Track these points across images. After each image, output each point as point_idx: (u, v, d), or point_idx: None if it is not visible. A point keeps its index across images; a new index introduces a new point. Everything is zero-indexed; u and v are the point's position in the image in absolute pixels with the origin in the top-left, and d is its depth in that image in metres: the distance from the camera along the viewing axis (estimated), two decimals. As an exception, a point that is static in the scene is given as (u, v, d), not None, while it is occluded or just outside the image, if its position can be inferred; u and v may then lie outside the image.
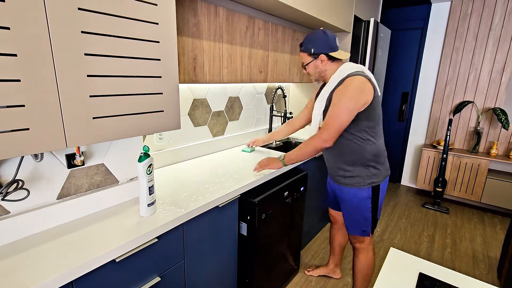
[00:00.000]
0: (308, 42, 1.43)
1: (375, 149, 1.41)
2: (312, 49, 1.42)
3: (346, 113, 1.30)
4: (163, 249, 1.07)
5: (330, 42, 1.40)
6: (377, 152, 1.41)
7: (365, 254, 1.57)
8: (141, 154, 1.04)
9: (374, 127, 1.39)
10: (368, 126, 1.37)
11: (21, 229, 0.92)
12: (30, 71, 0.72)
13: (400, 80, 3.75)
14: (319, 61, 1.43)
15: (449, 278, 0.91)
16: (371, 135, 1.39)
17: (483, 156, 3.09)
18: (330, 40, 1.40)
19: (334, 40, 1.42)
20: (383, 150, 1.46)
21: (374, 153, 1.41)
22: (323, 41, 1.40)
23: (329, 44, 1.40)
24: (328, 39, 1.40)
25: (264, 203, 1.46)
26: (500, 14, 2.99)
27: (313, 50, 1.42)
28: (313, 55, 1.43)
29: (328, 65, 1.43)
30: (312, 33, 1.43)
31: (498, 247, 2.50)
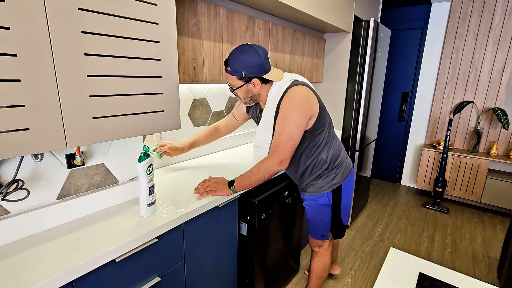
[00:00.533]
0: (237, 63, 1.21)
1: (331, 155, 1.37)
2: (243, 72, 1.21)
3: (297, 130, 1.21)
4: (163, 249, 1.07)
5: (263, 64, 1.22)
6: (334, 157, 1.38)
7: (322, 258, 1.58)
8: (141, 154, 1.04)
9: (327, 135, 1.34)
10: (322, 137, 1.32)
11: (21, 229, 0.92)
12: (30, 71, 0.72)
13: (400, 80, 3.75)
14: (251, 85, 1.26)
15: (449, 278, 0.91)
16: (324, 144, 1.34)
17: (483, 156, 3.09)
18: (263, 60, 1.21)
19: (266, 58, 1.24)
20: (340, 151, 1.43)
21: (331, 159, 1.37)
22: (256, 64, 1.20)
23: (262, 65, 1.21)
24: (261, 60, 1.21)
25: (264, 203, 1.46)
26: (500, 14, 2.99)
27: (244, 73, 1.21)
28: (244, 79, 1.23)
29: (262, 88, 1.29)
30: (242, 52, 1.20)
31: (498, 247, 2.50)
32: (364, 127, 2.60)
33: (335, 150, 1.40)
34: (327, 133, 1.34)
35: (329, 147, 1.37)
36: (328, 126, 1.35)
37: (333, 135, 1.41)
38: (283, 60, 2.08)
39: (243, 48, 1.21)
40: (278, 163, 1.22)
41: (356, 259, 2.27)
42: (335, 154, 1.39)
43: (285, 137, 1.21)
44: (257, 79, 1.25)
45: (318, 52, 2.53)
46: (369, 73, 2.46)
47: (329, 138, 1.36)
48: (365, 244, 2.48)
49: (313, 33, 2.55)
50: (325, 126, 1.32)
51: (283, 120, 1.22)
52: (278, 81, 1.30)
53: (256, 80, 1.25)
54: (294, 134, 1.21)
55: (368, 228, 2.76)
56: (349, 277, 2.05)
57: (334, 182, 1.40)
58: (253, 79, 1.24)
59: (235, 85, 1.28)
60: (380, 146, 4.05)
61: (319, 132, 1.30)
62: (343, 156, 1.45)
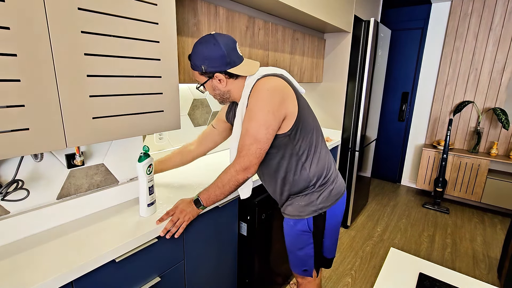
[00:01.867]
0: (196, 56, 1.04)
1: (317, 170, 1.11)
2: (203, 66, 1.04)
3: (263, 131, 0.98)
4: (163, 249, 1.07)
5: (225, 55, 1.02)
6: (320, 173, 1.11)
7: None
8: (141, 154, 1.04)
9: (314, 144, 1.10)
10: (306, 145, 1.08)
11: (21, 229, 0.92)
12: (30, 71, 0.72)
13: (400, 80, 3.75)
14: (215, 80, 1.08)
15: (449, 278, 0.91)
16: (310, 156, 1.09)
17: (483, 156, 3.09)
18: (226, 52, 1.02)
19: (232, 50, 1.03)
20: (329, 166, 1.15)
21: (317, 175, 1.11)
22: (216, 56, 1.01)
23: (223, 57, 1.02)
24: (222, 51, 1.01)
25: (264, 203, 1.46)
26: (500, 14, 2.99)
27: (204, 68, 1.04)
28: (206, 74, 1.06)
29: (229, 84, 1.09)
30: (201, 42, 1.03)
31: (498, 247, 2.50)
32: (364, 127, 2.60)
33: (322, 165, 1.12)
34: (313, 142, 1.10)
35: (315, 160, 1.11)
36: (314, 133, 1.11)
37: (322, 145, 1.14)
38: (283, 60, 2.08)
39: (203, 39, 1.04)
40: (242, 170, 1.01)
41: (356, 259, 2.27)
42: (321, 170, 1.12)
43: (249, 140, 0.99)
44: (220, 74, 1.05)
45: (318, 52, 2.53)
46: (369, 73, 2.46)
47: (316, 148, 1.11)
48: (365, 244, 2.48)
49: (313, 33, 2.55)
50: (310, 133, 1.09)
51: (247, 119, 1.01)
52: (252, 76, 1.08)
53: (219, 75, 1.05)
54: (260, 137, 0.98)
55: (368, 228, 2.76)
56: (349, 277, 2.05)
57: (316, 205, 1.12)
58: (215, 74, 1.05)
59: (199, 81, 1.11)
60: (380, 146, 4.05)
61: (301, 139, 1.07)
62: (332, 173, 1.16)
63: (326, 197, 1.13)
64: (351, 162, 2.62)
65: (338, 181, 1.19)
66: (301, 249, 1.19)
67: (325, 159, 1.14)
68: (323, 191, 1.13)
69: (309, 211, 1.12)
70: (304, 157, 1.09)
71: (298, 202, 1.13)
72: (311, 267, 1.22)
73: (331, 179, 1.15)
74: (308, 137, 1.09)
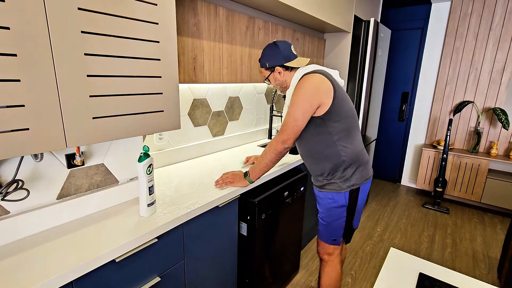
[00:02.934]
0: (262, 57, 1.42)
1: (350, 153, 1.32)
2: (267, 63, 1.40)
3: (300, 112, 1.25)
4: (163, 249, 1.07)
5: (283, 53, 1.36)
6: (354, 156, 1.33)
7: (332, 268, 1.46)
8: (141, 154, 1.04)
9: (347, 129, 1.31)
10: (339, 128, 1.29)
11: (21, 229, 0.92)
12: (30, 71, 0.72)
13: (400, 80, 3.75)
14: (276, 73, 1.41)
15: (449, 278, 0.91)
16: (343, 137, 1.31)
17: (483, 156, 3.09)
18: (282, 51, 1.36)
19: (287, 50, 1.38)
20: (361, 152, 1.36)
21: (350, 157, 1.32)
22: (275, 54, 1.37)
23: (281, 55, 1.36)
24: (279, 51, 1.36)
25: (264, 203, 1.46)
26: (500, 14, 2.99)
27: (268, 64, 1.40)
28: (269, 68, 1.41)
29: (286, 75, 1.41)
30: (266, 48, 1.41)
31: (498, 247, 2.50)
32: (364, 127, 2.60)
33: (356, 148, 1.34)
34: (344, 126, 1.30)
35: (347, 143, 1.31)
36: (348, 120, 1.31)
37: (355, 133, 1.35)
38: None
39: (268, 45, 1.42)
40: (281, 142, 1.28)
41: (356, 259, 2.27)
42: (353, 153, 1.33)
43: (289, 119, 1.27)
44: (279, 67, 1.38)
45: (318, 52, 2.53)
46: (369, 73, 2.46)
47: (347, 132, 1.31)
48: (365, 244, 2.48)
49: (313, 33, 2.55)
50: (343, 118, 1.29)
51: (291, 105, 1.29)
52: (301, 68, 1.37)
53: (278, 68, 1.38)
54: (297, 117, 1.26)
55: (368, 228, 2.76)
56: (349, 277, 2.05)
57: (352, 182, 1.34)
58: (276, 68, 1.39)
59: (265, 75, 1.45)
60: (380, 146, 4.05)
61: (334, 122, 1.28)
62: (364, 157, 1.39)
63: (360, 175, 1.36)
64: (351, 162, 2.62)
65: (369, 164, 1.43)
66: (335, 221, 1.40)
67: (358, 144, 1.37)
68: (357, 170, 1.35)
69: (346, 186, 1.34)
70: (337, 137, 1.31)
71: (336, 179, 1.35)
72: (340, 237, 1.43)
73: (364, 161, 1.38)
74: (342, 122, 1.30)
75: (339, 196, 1.35)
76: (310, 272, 2.08)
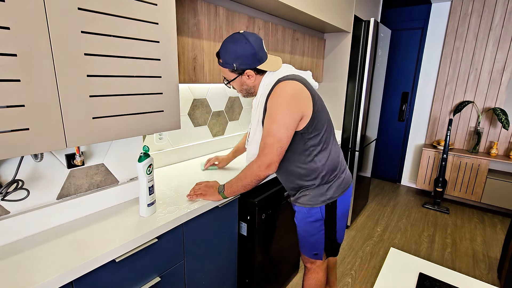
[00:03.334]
0: (228, 55, 1.12)
1: (326, 166, 1.21)
2: (235, 64, 1.12)
3: (284, 132, 1.08)
4: (163, 249, 1.07)
5: (257, 53, 1.11)
6: (329, 169, 1.22)
7: (315, 275, 1.41)
8: (141, 154, 1.04)
9: (324, 141, 1.20)
10: (316, 142, 1.17)
11: (21, 229, 0.92)
12: (30, 71, 0.72)
13: (400, 80, 3.75)
14: (245, 77, 1.17)
15: (449, 278, 0.91)
16: (320, 152, 1.19)
17: (483, 156, 3.09)
18: (257, 49, 1.11)
19: (261, 47, 1.13)
20: (338, 160, 1.26)
21: (326, 171, 1.21)
22: (248, 54, 1.10)
23: (255, 55, 1.11)
24: (254, 49, 1.10)
25: (264, 203, 1.46)
26: (500, 14, 2.99)
27: (236, 65, 1.13)
28: (237, 71, 1.15)
29: (257, 79, 1.18)
30: (232, 41, 1.11)
31: (498, 247, 2.50)
32: (364, 127, 2.60)
33: (333, 159, 1.23)
34: (323, 138, 1.19)
35: (325, 154, 1.21)
36: (325, 131, 1.19)
37: (333, 142, 1.25)
38: (283, 60, 2.08)
39: (233, 37, 1.11)
40: (264, 168, 1.12)
41: (356, 259, 2.27)
42: (331, 164, 1.22)
43: (271, 140, 1.09)
44: (251, 71, 1.15)
45: (318, 52, 2.53)
46: (369, 73, 2.46)
47: (326, 144, 1.20)
48: (365, 244, 2.48)
49: (313, 33, 2.55)
50: (321, 131, 1.17)
51: (269, 121, 1.10)
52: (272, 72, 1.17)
53: (249, 72, 1.15)
54: (281, 137, 1.08)
55: (368, 228, 2.76)
56: (349, 277, 2.05)
57: (328, 196, 1.23)
58: (246, 71, 1.15)
59: (229, 78, 1.20)
60: (380, 146, 4.05)
61: (312, 136, 1.16)
62: (341, 167, 1.28)
63: (337, 187, 1.25)
64: (351, 162, 2.62)
65: (346, 172, 1.32)
66: (313, 236, 1.30)
67: (335, 154, 1.25)
68: (333, 182, 1.24)
69: (321, 201, 1.24)
70: (314, 152, 1.19)
71: (310, 193, 1.24)
72: (321, 251, 1.34)
73: (341, 171, 1.28)
74: (319, 135, 1.18)
75: (315, 211, 1.25)
76: (310, 272, 2.08)
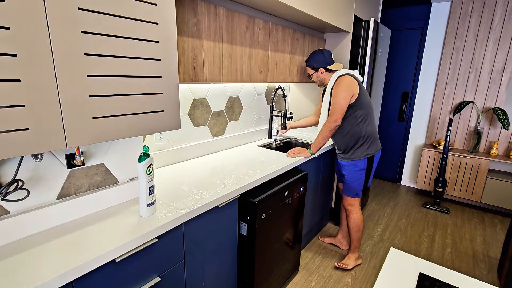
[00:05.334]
0: (311, 59, 2.00)
1: (367, 131, 1.92)
2: (314, 64, 1.99)
3: (343, 101, 1.83)
4: (163, 249, 1.07)
5: (326, 59, 1.96)
6: (370, 133, 1.93)
7: (355, 214, 2.05)
8: (141, 154, 1.04)
9: (366, 113, 1.90)
10: (361, 113, 1.88)
11: (21, 229, 0.92)
12: (30, 71, 0.72)
13: (400, 80, 3.75)
14: (319, 72, 2.00)
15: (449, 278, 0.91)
16: (363, 120, 1.90)
17: (483, 156, 3.09)
18: (326, 57, 1.96)
19: (329, 56, 1.98)
20: (374, 131, 1.96)
21: (368, 134, 1.92)
22: (321, 59, 1.97)
23: (325, 60, 1.96)
24: (325, 57, 1.96)
25: (264, 203, 1.46)
26: (500, 14, 2.99)
27: (314, 65, 1.99)
28: (315, 69, 2.00)
29: (325, 74, 2.00)
30: (314, 53, 2.00)
31: (498, 247, 2.50)
32: (364, 127, 2.60)
33: (370, 129, 1.93)
34: (364, 112, 1.89)
35: (366, 124, 1.90)
36: (365, 107, 1.88)
37: (371, 117, 1.93)
38: (283, 60, 2.08)
39: (315, 51, 2.00)
40: (333, 121, 1.83)
41: (356, 259, 2.27)
42: (369, 131, 1.92)
43: (336, 106, 1.83)
44: (322, 69, 1.98)
45: (318, 52, 2.53)
46: (369, 73, 2.46)
47: (366, 117, 1.90)
48: (365, 244, 2.48)
49: (313, 33, 2.55)
50: (363, 106, 1.87)
51: (334, 96, 1.86)
52: (336, 72, 1.94)
53: (321, 69, 1.98)
54: (341, 103, 1.82)
55: (368, 228, 2.76)
56: (349, 277, 2.05)
57: (368, 152, 1.94)
58: (319, 69, 1.98)
59: (310, 73, 2.04)
60: (380, 146, 4.05)
61: (357, 109, 1.87)
62: (375, 136, 1.98)
63: (374, 146, 1.97)
64: (351, 162, 2.62)
65: (378, 140, 2.02)
66: (357, 180, 2.00)
67: (373, 125, 1.95)
68: (370, 143, 1.95)
69: (365, 154, 1.95)
70: (359, 120, 1.90)
71: (359, 150, 1.94)
72: (360, 192, 2.04)
73: (374, 139, 1.97)
74: (363, 109, 1.89)
75: (361, 162, 1.95)
76: (310, 272, 2.08)
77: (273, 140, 2.46)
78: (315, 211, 2.40)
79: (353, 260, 2.14)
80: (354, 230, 2.08)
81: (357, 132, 1.90)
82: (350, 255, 2.16)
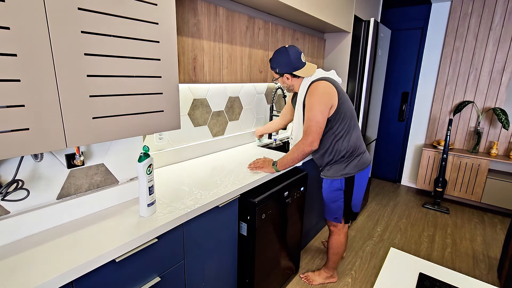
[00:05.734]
0: (273, 62, 1.58)
1: (348, 148, 1.59)
2: (277, 69, 1.58)
3: (320, 115, 1.48)
4: (163, 249, 1.07)
5: (293, 63, 1.52)
6: (350, 148, 1.59)
7: (336, 237, 1.81)
8: (141, 154, 1.04)
9: (347, 127, 1.57)
10: (340, 128, 1.56)
11: (21, 229, 0.92)
12: (30, 71, 0.72)
13: (400, 80, 3.75)
14: (285, 78, 1.60)
15: (449, 278, 0.91)
16: (343, 136, 1.57)
17: (483, 156, 3.09)
18: (292, 59, 1.51)
19: (297, 59, 1.52)
20: (358, 145, 1.62)
21: (346, 151, 1.59)
22: (285, 63, 1.52)
23: (291, 64, 1.52)
24: (290, 60, 1.51)
25: (264, 203, 1.46)
26: (500, 14, 2.99)
27: (278, 70, 1.58)
28: (278, 74, 1.60)
29: (293, 81, 1.60)
30: (277, 52, 1.55)
31: (498, 247, 2.50)
32: (364, 127, 2.60)
33: (353, 142, 1.59)
34: (345, 126, 1.56)
35: (347, 138, 1.58)
36: (348, 119, 1.56)
37: (354, 128, 1.60)
38: (283, 60, 2.08)
39: (279, 49, 1.55)
40: (308, 144, 1.50)
41: (356, 259, 2.27)
42: (351, 146, 1.59)
43: (311, 122, 1.48)
44: (288, 74, 1.57)
45: (318, 52, 2.53)
46: (369, 73, 2.46)
47: (348, 129, 1.57)
48: (365, 244, 2.48)
49: (313, 33, 2.55)
50: (343, 117, 1.54)
51: (309, 110, 1.50)
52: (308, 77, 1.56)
53: (287, 75, 1.58)
54: (318, 120, 1.47)
55: (368, 228, 2.76)
56: (349, 277, 2.05)
57: (346, 171, 1.61)
58: (284, 74, 1.57)
59: (274, 77, 1.66)
60: (380, 146, 4.05)
61: (336, 123, 1.54)
62: (360, 149, 1.63)
63: (354, 166, 1.62)
64: (351, 162, 2.62)
65: (364, 155, 1.66)
66: (334, 202, 1.70)
67: (355, 139, 1.61)
68: (350, 162, 1.61)
69: (341, 174, 1.63)
70: (339, 135, 1.57)
71: (334, 167, 1.64)
72: (340, 216, 1.74)
73: (358, 154, 1.62)
74: (343, 122, 1.55)
75: (336, 182, 1.66)
76: (310, 272, 2.08)
77: (273, 140, 2.45)
78: (315, 211, 2.40)
79: (323, 278, 1.93)
80: (332, 252, 1.85)
81: (334, 150, 1.60)
82: (321, 272, 1.95)
